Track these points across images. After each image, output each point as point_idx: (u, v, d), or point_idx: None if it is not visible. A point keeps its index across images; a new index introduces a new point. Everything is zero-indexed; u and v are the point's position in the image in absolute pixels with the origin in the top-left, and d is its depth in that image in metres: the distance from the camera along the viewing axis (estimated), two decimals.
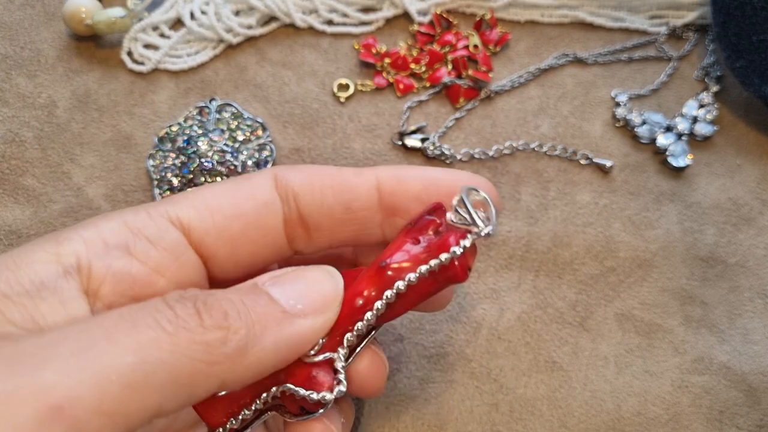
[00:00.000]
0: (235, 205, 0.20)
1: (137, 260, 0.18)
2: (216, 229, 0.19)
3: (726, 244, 0.30)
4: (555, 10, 0.36)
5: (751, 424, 0.26)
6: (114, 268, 0.18)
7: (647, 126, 0.32)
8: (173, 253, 0.19)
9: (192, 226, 0.19)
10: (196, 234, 0.19)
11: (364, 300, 0.19)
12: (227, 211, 0.19)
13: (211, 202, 0.19)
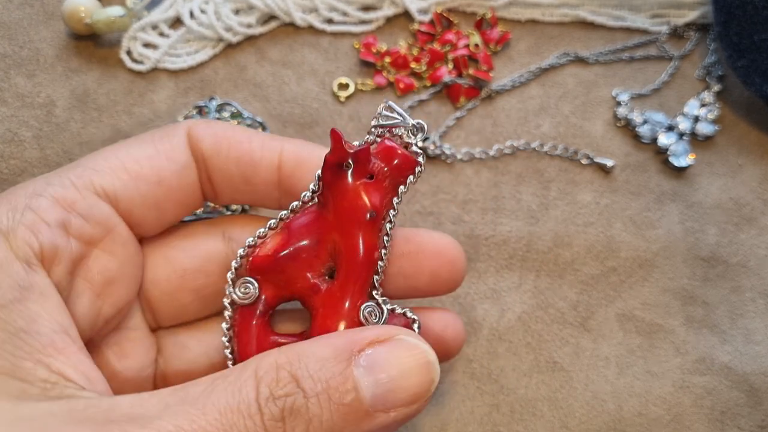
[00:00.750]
0: (158, 171, 0.20)
1: (73, 237, 0.19)
2: (141, 197, 0.20)
3: (727, 244, 0.30)
4: (556, 9, 0.36)
5: (752, 424, 0.26)
6: (60, 247, 0.18)
7: (648, 125, 0.32)
8: (105, 227, 0.19)
9: (119, 198, 0.20)
10: (123, 204, 0.20)
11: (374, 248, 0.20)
12: (150, 178, 0.20)
13: (133, 169, 0.20)
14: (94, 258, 0.19)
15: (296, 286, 0.21)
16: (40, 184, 0.19)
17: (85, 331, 0.19)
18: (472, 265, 0.29)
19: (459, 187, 0.31)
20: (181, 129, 0.21)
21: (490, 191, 0.31)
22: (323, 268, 0.21)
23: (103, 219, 0.19)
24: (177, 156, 0.21)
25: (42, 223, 0.18)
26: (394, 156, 0.20)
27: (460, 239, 0.29)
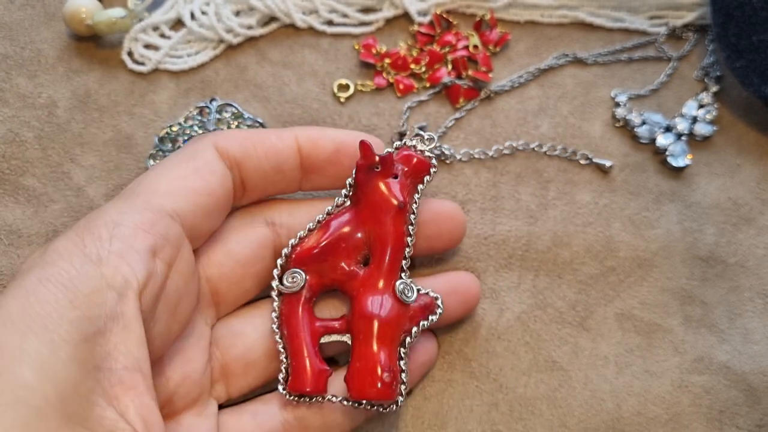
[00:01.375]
0: (207, 184, 0.22)
1: (160, 260, 0.19)
2: (201, 211, 0.22)
3: (726, 243, 0.30)
4: (555, 11, 0.36)
5: (751, 423, 0.26)
6: (151, 273, 0.19)
7: (647, 126, 0.32)
8: (177, 246, 0.20)
9: (184, 216, 0.21)
10: (188, 222, 0.21)
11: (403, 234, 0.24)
12: (202, 191, 0.22)
13: (187, 186, 0.21)
14: (170, 279, 0.20)
15: (336, 274, 0.24)
16: (113, 214, 0.19)
17: (159, 352, 0.20)
18: (471, 264, 0.29)
19: (458, 187, 0.31)
20: (208, 144, 0.23)
21: (489, 191, 0.31)
22: (359, 256, 0.24)
23: (178, 239, 0.20)
24: (215, 167, 0.22)
25: (132, 250, 0.18)
26: (411, 160, 0.25)
27: None
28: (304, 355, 0.23)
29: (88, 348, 0.16)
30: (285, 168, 0.24)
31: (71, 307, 0.16)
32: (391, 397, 0.22)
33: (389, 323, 0.23)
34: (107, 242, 0.18)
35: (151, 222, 0.19)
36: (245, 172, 0.23)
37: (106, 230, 0.18)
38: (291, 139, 0.24)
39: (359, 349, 0.23)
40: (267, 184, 0.24)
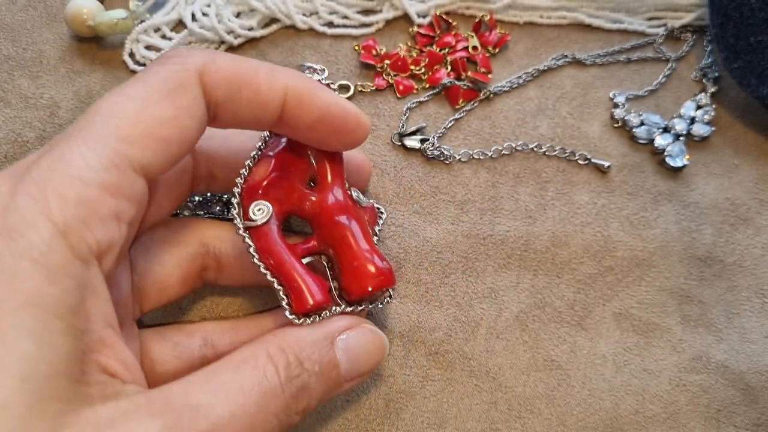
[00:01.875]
0: (182, 132, 0.20)
1: (124, 224, 0.19)
2: (167, 164, 0.20)
3: (723, 243, 0.30)
4: (554, 12, 0.36)
5: (748, 422, 0.26)
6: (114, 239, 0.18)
7: (645, 126, 0.33)
8: (141, 204, 0.19)
9: (151, 169, 0.19)
10: (153, 173, 0.19)
11: None
12: (176, 141, 0.20)
13: (161, 135, 0.19)
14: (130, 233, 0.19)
15: (293, 198, 0.24)
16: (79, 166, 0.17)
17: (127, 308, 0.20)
18: (470, 264, 0.29)
19: (457, 187, 0.31)
20: (194, 77, 0.20)
21: (488, 191, 0.31)
22: (307, 178, 0.25)
23: (142, 197, 0.19)
24: (196, 112, 0.20)
25: (97, 218, 0.17)
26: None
27: (458, 239, 0.30)
28: (297, 276, 0.23)
29: (74, 317, 0.16)
30: (262, 119, 0.22)
31: (49, 283, 0.16)
32: (394, 282, 0.24)
33: (361, 224, 0.24)
34: (72, 206, 0.17)
35: (118, 184, 0.18)
36: (220, 114, 0.22)
37: (72, 189, 0.17)
38: (280, 91, 0.22)
39: (346, 253, 0.23)
40: (238, 123, 0.23)
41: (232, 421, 0.18)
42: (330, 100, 0.23)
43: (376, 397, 0.26)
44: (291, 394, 0.20)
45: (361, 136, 0.24)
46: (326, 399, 0.22)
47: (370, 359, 0.23)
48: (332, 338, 0.22)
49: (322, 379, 0.21)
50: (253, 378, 0.19)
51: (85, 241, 0.17)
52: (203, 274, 0.25)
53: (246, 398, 0.18)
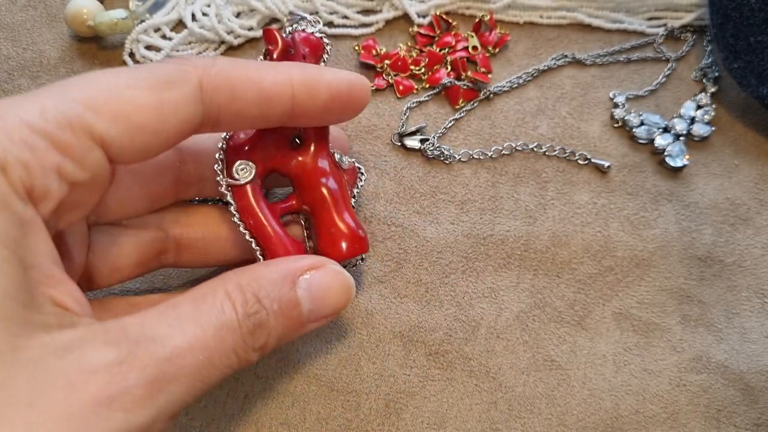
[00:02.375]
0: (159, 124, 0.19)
1: (65, 182, 0.18)
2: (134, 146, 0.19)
3: (723, 243, 0.30)
4: (554, 12, 0.36)
5: (748, 422, 0.26)
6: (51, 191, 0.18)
7: (645, 127, 0.33)
8: (92, 173, 0.19)
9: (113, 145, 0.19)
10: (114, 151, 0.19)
11: None
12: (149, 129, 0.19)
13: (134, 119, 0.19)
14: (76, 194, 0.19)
15: (277, 158, 0.24)
16: (33, 113, 0.17)
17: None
18: (470, 264, 0.29)
19: (457, 187, 0.31)
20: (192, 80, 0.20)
21: (488, 191, 0.31)
22: (291, 135, 0.25)
23: (94, 165, 0.19)
24: (182, 110, 0.20)
25: (38, 165, 0.17)
26: (309, 41, 0.26)
27: (458, 239, 0.30)
28: (275, 238, 0.23)
29: (17, 248, 0.16)
30: (271, 115, 0.22)
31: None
32: (367, 249, 0.25)
33: (341, 188, 0.25)
34: (16, 146, 0.17)
35: (68, 143, 0.18)
36: (224, 114, 0.21)
37: (19, 132, 0.17)
38: (286, 85, 0.22)
39: (324, 218, 0.24)
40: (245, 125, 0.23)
41: (189, 351, 0.17)
42: (335, 78, 0.23)
43: (376, 397, 0.26)
44: (248, 330, 0.19)
45: (365, 100, 0.24)
46: (289, 338, 0.21)
47: (334, 300, 0.22)
48: (294, 277, 0.21)
49: (282, 319, 0.20)
50: (210, 313, 0.18)
51: (22, 182, 0.17)
52: (161, 258, 0.25)
53: (203, 331, 0.18)
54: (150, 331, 0.17)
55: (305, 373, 0.27)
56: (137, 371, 0.16)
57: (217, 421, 0.26)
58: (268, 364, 0.27)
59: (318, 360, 0.27)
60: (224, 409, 0.26)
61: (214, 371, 0.18)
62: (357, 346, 0.27)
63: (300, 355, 0.27)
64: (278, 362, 0.27)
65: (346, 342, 0.27)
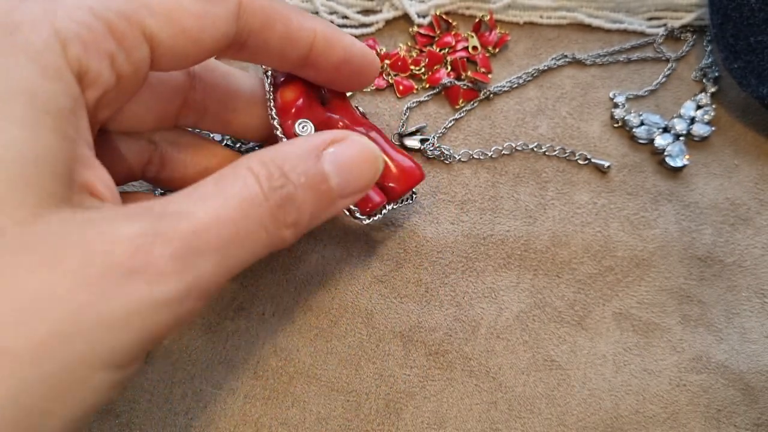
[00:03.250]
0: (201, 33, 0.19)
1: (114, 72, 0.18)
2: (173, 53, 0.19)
3: (723, 243, 0.30)
4: (554, 12, 0.36)
5: (748, 422, 0.26)
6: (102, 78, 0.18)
7: (645, 126, 0.33)
8: (135, 70, 0.19)
9: (158, 48, 0.19)
10: (157, 53, 0.19)
11: None
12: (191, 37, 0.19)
13: (182, 23, 0.19)
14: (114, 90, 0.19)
15: (320, 116, 0.26)
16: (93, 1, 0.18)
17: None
18: (470, 264, 0.29)
19: (457, 187, 0.31)
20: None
21: (488, 191, 0.31)
22: (319, 97, 0.27)
23: (140, 62, 0.19)
24: (222, 25, 0.20)
25: (95, 48, 0.17)
26: None
27: (458, 239, 0.30)
28: None
29: (63, 121, 0.16)
30: (289, 56, 0.23)
31: (43, 79, 0.16)
32: (424, 176, 0.28)
33: (378, 131, 0.27)
34: (76, 25, 0.17)
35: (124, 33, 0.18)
36: (251, 41, 0.21)
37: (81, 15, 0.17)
38: (311, 32, 0.23)
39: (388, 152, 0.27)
40: (263, 59, 0.23)
41: (214, 225, 0.17)
42: (352, 42, 0.24)
43: (376, 397, 0.26)
44: (276, 204, 0.19)
45: (374, 75, 0.25)
46: (321, 217, 0.21)
47: (363, 173, 0.21)
48: (318, 151, 0.20)
49: (311, 192, 0.20)
50: (233, 188, 0.18)
51: (78, 61, 0.17)
52: (145, 169, 0.25)
53: (226, 205, 0.17)
54: (173, 208, 0.17)
55: (305, 373, 0.27)
56: (161, 244, 0.16)
57: (217, 421, 0.26)
58: (267, 363, 0.27)
59: (318, 360, 0.27)
60: (224, 408, 0.26)
61: (243, 248, 0.18)
62: (357, 346, 0.27)
63: (300, 355, 0.27)
64: (278, 362, 0.27)
65: (346, 342, 0.27)
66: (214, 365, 0.27)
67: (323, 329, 0.28)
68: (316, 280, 0.29)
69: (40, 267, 0.14)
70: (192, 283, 0.16)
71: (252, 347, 0.27)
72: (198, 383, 0.27)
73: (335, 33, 0.23)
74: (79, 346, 0.14)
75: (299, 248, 0.30)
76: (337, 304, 0.28)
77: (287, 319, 0.28)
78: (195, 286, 0.16)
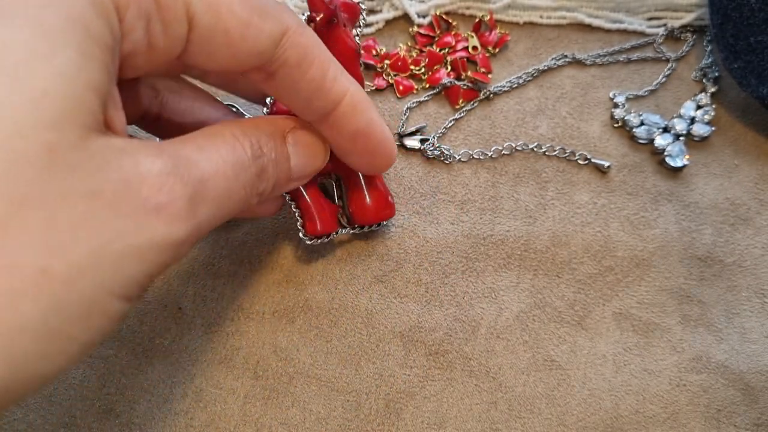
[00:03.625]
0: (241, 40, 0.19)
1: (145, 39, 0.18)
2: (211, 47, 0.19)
3: (723, 243, 0.30)
4: (554, 12, 0.36)
5: (748, 422, 0.26)
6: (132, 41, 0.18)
7: (645, 126, 0.33)
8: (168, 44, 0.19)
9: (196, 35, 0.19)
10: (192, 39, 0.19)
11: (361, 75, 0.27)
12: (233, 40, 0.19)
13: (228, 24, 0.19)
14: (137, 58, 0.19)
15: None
16: None
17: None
18: (470, 264, 0.29)
19: (457, 187, 0.31)
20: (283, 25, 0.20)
21: (488, 191, 0.31)
22: None
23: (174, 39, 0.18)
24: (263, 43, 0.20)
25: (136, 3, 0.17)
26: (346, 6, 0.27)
27: (458, 239, 0.30)
28: (312, 202, 0.27)
29: (108, 54, 0.16)
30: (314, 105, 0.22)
31: (95, 14, 0.16)
32: (393, 214, 0.28)
33: None
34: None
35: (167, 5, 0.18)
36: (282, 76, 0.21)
37: None
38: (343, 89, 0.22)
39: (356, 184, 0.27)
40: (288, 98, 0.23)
41: (215, 176, 0.18)
42: (379, 120, 0.24)
43: (376, 397, 0.26)
44: (256, 172, 0.20)
45: (387, 161, 0.25)
46: (276, 192, 0.23)
47: (313, 159, 0.24)
48: (283, 133, 0.22)
49: (277, 168, 0.22)
50: (225, 148, 0.19)
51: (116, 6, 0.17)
52: (144, 115, 0.25)
53: (224, 162, 0.19)
54: (184, 153, 0.18)
55: (305, 373, 0.27)
56: (181, 185, 0.17)
57: (217, 421, 0.26)
58: (267, 363, 0.27)
59: (318, 360, 0.27)
60: (224, 408, 0.26)
61: (229, 204, 0.19)
62: (357, 346, 0.27)
63: (300, 355, 0.27)
64: (278, 362, 0.27)
65: (346, 342, 0.27)
66: (215, 365, 0.27)
67: (323, 329, 0.28)
68: (315, 279, 0.29)
69: (85, 192, 0.15)
70: (193, 229, 0.17)
71: (252, 347, 0.27)
72: (198, 383, 0.27)
73: (366, 101, 0.23)
74: (107, 274, 0.15)
75: (299, 248, 0.30)
76: (337, 304, 0.28)
77: (287, 320, 0.28)
78: (195, 232, 0.17)
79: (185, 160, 0.17)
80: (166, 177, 0.16)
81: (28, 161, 0.14)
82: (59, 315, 0.14)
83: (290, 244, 0.30)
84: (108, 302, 0.15)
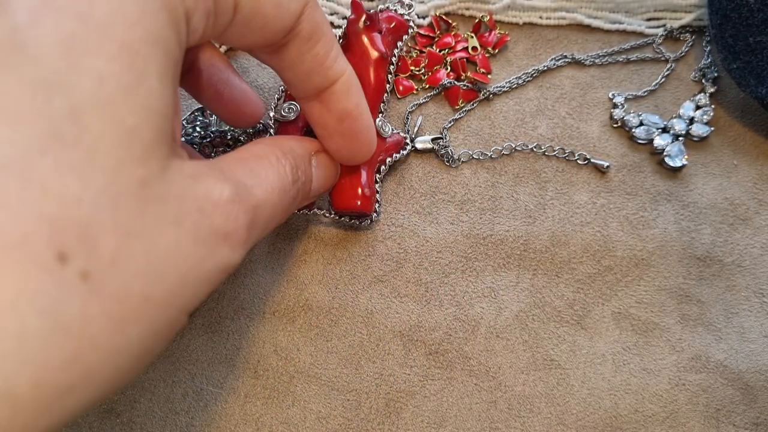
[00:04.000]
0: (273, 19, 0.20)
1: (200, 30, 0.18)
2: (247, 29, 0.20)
3: (722, 243, 0.30)
4: (553, 13, 0.36)
5: (747, 422, 0.26)
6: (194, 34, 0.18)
7: (644, 127, 0.33)
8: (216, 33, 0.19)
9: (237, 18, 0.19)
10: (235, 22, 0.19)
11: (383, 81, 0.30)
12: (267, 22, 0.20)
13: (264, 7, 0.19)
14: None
15: None
16: None
17: None
18: (470, 264, 0.29)
19: (457, 187, 0.31)
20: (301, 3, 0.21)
21: (487, 191, 0.31)
22: None
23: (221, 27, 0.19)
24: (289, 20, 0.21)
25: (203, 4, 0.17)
26: (392, 20, 0.30)
27: (458, 239, 0.30)
28: None
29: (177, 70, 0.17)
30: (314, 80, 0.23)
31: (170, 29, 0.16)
32: (369, 210, 0.28)
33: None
34: None
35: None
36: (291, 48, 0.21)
37: None
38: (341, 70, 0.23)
39: (343, 169, 0.27)
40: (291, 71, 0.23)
41: (266, 203, 0.19)
42: (365, 105, 0.24)
43: (376, 397, 0.26)
44: (293, 195, 0.22)
45: (366, 151, 0.25)
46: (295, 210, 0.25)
47: (330, 182, 0.26)
48: (310, 155, 0.24)
49: (303, 189, 0.23)
50: (275, 172, 0.20)
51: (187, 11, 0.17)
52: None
53: (273, 188, 0.20)
54: (241, 178, 0.18)
55: (305, 373, 0.27)
56: (243, 212, 0.18)
57: (218, 421, 0.26)
58: (268, 363, 0.27)
59: (318, 359, 0.27)
60: (225, 408, 0.26)
61: (272, 225, 0.20)
62: (357, 345, 0.27)
63: (300, 354, 0.27)
64: (278, 362, 0.27)
65: (346, 342, 0.28)
66: (215, 365, 0.27)
67: (323, 329, 0.28)
68: (316, 280, 0.29)
69: (172, 221, 0.16)
70: (246, 252, 0.18)
71: (252, 347, 0.27)
72: (199, 382, 0.27)
73: (358, 86, 0.24)
74: (188, 297, 0.16)
75: (299, 248, 0.30)
76: (337, 304, 0.28)
77: (287, 319, 0.28)
78: (246, 254, 0.19)
79: (243, 187, 0.18)
80: (231, 206, 0.17)
81: (131, 195, 0.15)
82: (153, 335, 0.15)
83: (291, 244, 0.30)
84: (182, 319, 0.17)
